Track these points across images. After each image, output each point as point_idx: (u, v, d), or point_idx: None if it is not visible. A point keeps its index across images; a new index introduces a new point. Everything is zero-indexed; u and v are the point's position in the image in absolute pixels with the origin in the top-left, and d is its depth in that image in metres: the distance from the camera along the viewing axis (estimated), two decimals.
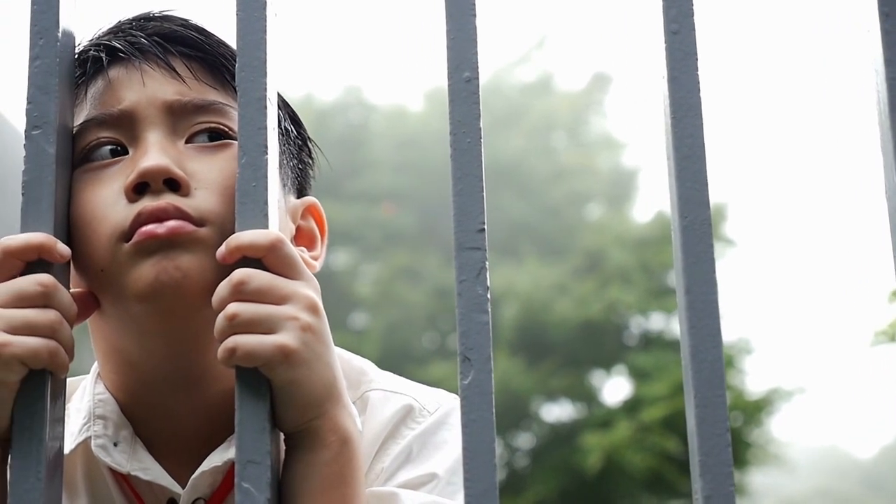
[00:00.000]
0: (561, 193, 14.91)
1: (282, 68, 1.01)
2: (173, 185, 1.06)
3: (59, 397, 0.97)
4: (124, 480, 1.14)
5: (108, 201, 1.06)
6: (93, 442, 1.13)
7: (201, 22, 1.18)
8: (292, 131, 1.23)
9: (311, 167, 1.27)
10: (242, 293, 0.95)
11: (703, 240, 0.91)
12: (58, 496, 0.96)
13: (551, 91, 16.46)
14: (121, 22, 1.18)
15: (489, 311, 0.91)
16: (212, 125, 1.11)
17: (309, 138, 1.26)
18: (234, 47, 1.02)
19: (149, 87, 1.12)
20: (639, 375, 12.49)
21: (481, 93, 0.96)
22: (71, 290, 1.01)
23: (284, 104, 1.23)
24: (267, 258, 0.96)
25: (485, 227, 0.92)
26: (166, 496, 1.12)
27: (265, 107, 0.97)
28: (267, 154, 0.96)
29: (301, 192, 1.24)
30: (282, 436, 0.98)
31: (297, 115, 1.25)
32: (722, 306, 0.90)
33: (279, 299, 0.96)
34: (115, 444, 1.13)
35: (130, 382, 1.13)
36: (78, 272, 1.08)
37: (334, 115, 15.95)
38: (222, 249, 0.97)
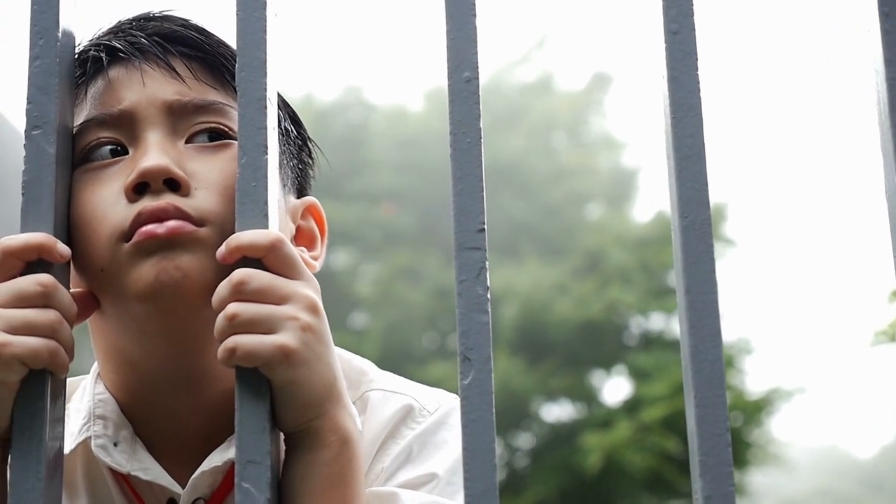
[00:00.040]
0: (561, 193, 14.91)
1: (282, 68, 1.01)
2: (173, 185, 1.06)
3: (59, 397, 0.97)
4: (124, 480, 1.14)
5: (108, 201, 1.06)
6: (93, 442, 1.13)
7: (201, 22, 1.18)
8: (292, 131, 1.23)
9: (311, 167, 1.27)
10: (242, 293, 0.95)
11: (704, 240, 0.91)
12: (58, 496, 0.96)
13: (551, 91, 16.45)
14: (121, 22, 1.18)
15: (489, 311, 0.90)
16: (212, 125, 1.11)
17: (309, 138, 1.26)
18: (234, 47, 1.02)
19: (149, 87, 1.12)
20: (639, 375, 12.49)
21: (481, 93, 0.96)
22: (71, 290, 1.01)
23: (284, 104, 1.23)
24: (267, 258, 0.96)
25: (485, 227, 0.92)
26: (166, 496, 1.12)
27: (265, 107, 0.97)
28: (267, 154, 0.96)
29: (301, 192, 1.24)
30: (282, 436, 0.98)
31: (297, 115, 1.25)
32: (722, 306, 0.90)
33: (279, 299, 0.95)
34: (115, 444, 1.13)
35: (130, 382, 1.13)
36: (78, 272, 1.08)
37: (334, 115, 15.94)
38: (222, 249, 0.97)
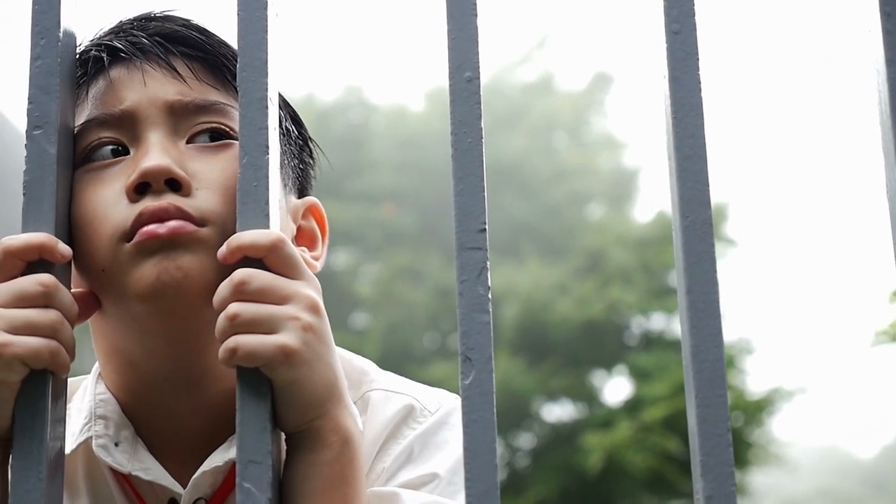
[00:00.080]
0: (562, 193, 14.90)
1: (283, 68, 1.01)
2: (174, 186, 1.06)
3: (60, 397, 0.97)
4: (125, 480, 1.14)
5: (109, 201, 1.06)
6: (94, 442, 1.13)
7: (202, 22, 1.18)
8: (293, 131, 1.23)
9: (312, 167, 1.27)
10: (243, 293, 0.95)
11: (705, 240, 0.91)
12: (59, 496, 0.96)
13: (552, 91, 16.44)
14: (122, 22, 1.18)
15: (490, 311, 0.90)
16: (213, 125, 1.11)
17: (310, 138, 1.26)
18: (235, 47, 1.02)
19: (150, 87, 1.12)
20: (639, 375, 12.48)
21: (482, 93, 0.96)
22: (72, 290, 1.01)
23: (285, 104, 1.22)
24: (268, 258, 0.96)
25: (486, 227, 0.92)
26: (167, 496, 1.12)
27: (266, 107, 0.97)
28: (268, 154, 0.96)
29: (302, 192, 1.24)
30: (283, 436, 0.98)
31: (298, 115, 1.25)
32: (723, 306, 0.90)
33: (280, 299, 0.95)
34: (116, 444, 1.13)
35: (132, 382, 1.13)
36: (79, 272, 1.08)
37: (335, 114, 15.94)
38: (223, 249, 0.97)
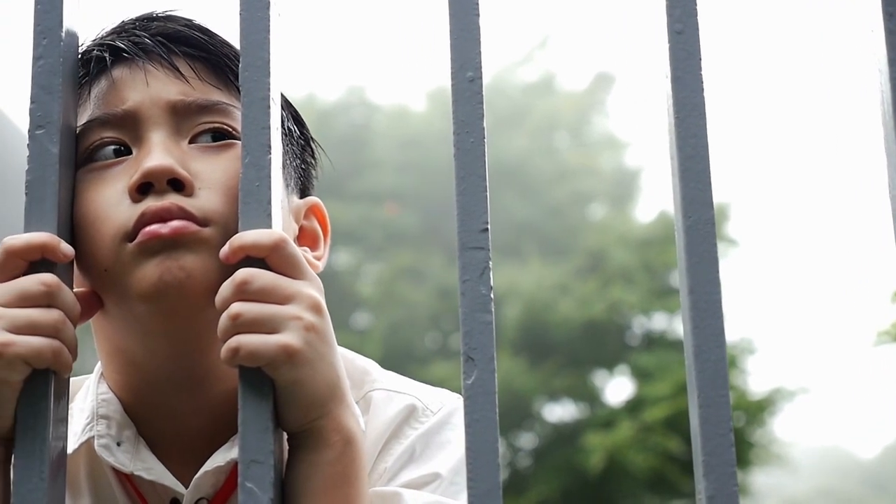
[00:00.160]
0: (564, 193, 14.90)
1: (285, 68, 1.01)
2: (177, 186, 1.06)
3: (62, 397, 0.97)
4: (127, 480, 1.14)
5: (111, 201, 1.06)
6: (96, 442, 1.13)
7: (205, 22, 1.18)
8: (295, 131, 1.23)
9: (314, 167, 1.27)
10: (246, 293, 0.95)
11: (707, 240, 0.91)
12: (61, 496, 0.96)
13: (554, 91, 16.45)
14: (124, 22, 1.18)
15: (492, 310, 0.90)
16: (215, 125, 1.11)
17: (312, 138, 1.26)
18: (237, 47, 1.02)
19: (152, 87, 1.12)
20: (641, 375, 12.48)
21: (484, 93, 0.96)
22: (74, 290, 1.01)
23: (287, 104, 1.22)
24: (270, 258, 0.96)
25: (488, 226, 0.92)
26: (169, 496, 1.12)
27: (268, 106, 0.97)
28: (270, 154, 0.96)
29: (304, 192, 1.24)
30: (285, 435, 0.98)
31: (300, 115, 1.25)
32: (725, 306, 0.90)
33: (282, 299, 0.95)
34: (118, 444, 1.13)
35: (134, 382, 1.13)
36: (81, 272, 1.08)
37: (337, 114, 15.94)
38: (226, 249, 0.96)
